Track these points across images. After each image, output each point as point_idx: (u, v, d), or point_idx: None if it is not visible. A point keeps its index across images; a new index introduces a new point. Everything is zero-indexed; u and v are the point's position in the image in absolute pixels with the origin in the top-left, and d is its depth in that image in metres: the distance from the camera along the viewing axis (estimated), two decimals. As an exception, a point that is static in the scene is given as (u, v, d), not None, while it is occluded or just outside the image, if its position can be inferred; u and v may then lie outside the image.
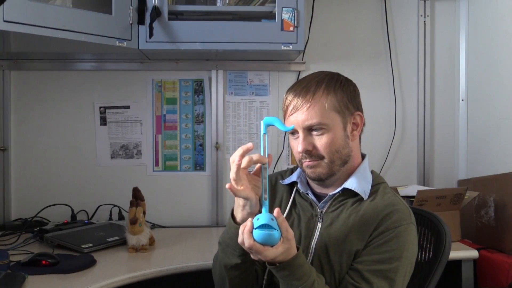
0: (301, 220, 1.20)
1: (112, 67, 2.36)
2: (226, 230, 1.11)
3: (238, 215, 1.05)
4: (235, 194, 0.98)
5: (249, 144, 0.97)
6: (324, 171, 1.13)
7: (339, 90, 1.13)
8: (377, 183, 1.19)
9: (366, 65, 2.46)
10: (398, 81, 2.51)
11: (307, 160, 1.13)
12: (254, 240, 0.94)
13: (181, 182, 2.42)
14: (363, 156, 1.24)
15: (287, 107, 1.15)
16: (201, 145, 2.42)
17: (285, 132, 2.42)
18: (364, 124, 1.19)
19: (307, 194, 1.21)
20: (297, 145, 1.13)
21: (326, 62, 2.45)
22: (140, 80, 2.39)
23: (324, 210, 1.18)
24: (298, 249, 1.00)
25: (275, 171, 2.34)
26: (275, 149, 2.45)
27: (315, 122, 1.10)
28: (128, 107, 2.37)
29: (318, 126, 1.11)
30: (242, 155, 0.97)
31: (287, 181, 1.27)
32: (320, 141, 1.11)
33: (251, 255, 0.98)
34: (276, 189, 1.27)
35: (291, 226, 1.18)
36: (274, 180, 1.30)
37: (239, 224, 1.05)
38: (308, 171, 1.15)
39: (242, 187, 0.98)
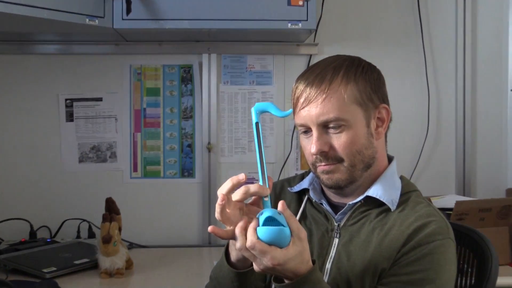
0: (313, 236, 1.20)
1: (81, 50, 2.37)
2: (218, 265, 1.12)
3: (233, 253, 1.07)
4: (221, 237, 0.98)
5: (241, 176, 0.97)
6: (343, 177, 1.14)
7: (361, 78, 1.14)
8: (408, 191, 1.20)
9: (393, 48, 2.47)
10: (432, 68, 2.50)
11: (323, 163, 1.14)
12: (258, 238, 0.93)
13: (165, 192, 2.42)
14: (390, 159, 1.24)
15: (298, 99, 1.16)
16: (189, 146, 2.42)
17: (294, 129, 2.43)
18: (391, 120, 1.20)
19: (321, 204, 1.21)
20: (310, 145, 1.14)
21: (343, 45, 2.43)
22: (115, 66, 2.39)
23: (341, 223, 1.19)
24: (313, 262, 1.00)
25: (281, 178, 2.35)
26: (281, 150, 2.45)
27: (332, 117, 1.11)
28: (100, 99, 2.38)
29: (336, 122, 1.11)
30: (230, 191, 0.97)
31: (297, 188, 1.28)
32: (339, 140, 1.12)
33: (254, 264, 0.96)
34: (281, 199, 1.23)
35: None
36: (280, 187, 1.32)
37: (233, 266, 1.06)
38: (324, 177, 1.16)
39: (232, 227, 0.97)
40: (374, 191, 1.16)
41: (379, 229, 1.14)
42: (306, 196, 1.25)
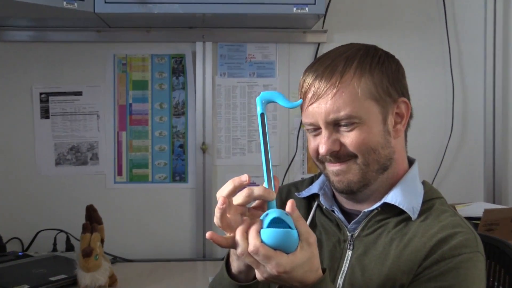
0: (323, 247, 1.21)
1: (58, 37, 2.37)
2: (218, 277, 1.13)
3: (234, 264, 1.06)
4: (221, 245, 0.97)
5: (243, 177, 0.96)
6: (356, 178, 1.15)
7: (377, 70, 1.15)
8: (431, 198, 1.20)
9: (412, 35, 2.48)
10: (457, 58, 2.50)
11: (333, 163, 1.15)
12: (262, 241, 0.92)
13: (153, 198, 2.43)
14: (410, 162, 1.25)
15: (305, 93, 1.16)
16: (181, 146, 2.43)
17: (299, 127, 2.44)
18: (411, 116, 1.20)
19: (333, 211, 1.22)
20: (319, 145, 1.15)
21: (355, 32, 2.45)
22: (97, 56, 2.39)
23: (355, 233, 1.19)
24: (324, 270, 1.01)
25: (284, 183, 2.35)
26: (285, 152, 2.46)
27: (344, 115, 1.11)
28: (79, 93, 2.38)
29: (348, 120, 1.12)
30: (231, 194, 0.96)
31: (306, 193, 1.29)
32: (350, 137, 1.13)
33: (257, 272, 0.96)
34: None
35: None
36: (286, 192, 1.33)
37: (234, 278, 1.05)
38: (335, 179, 1.16)
39: (232, 234, 0.97)
40: (393, 197, 1.16)
41: (398, 240, 1.14)
42: (316, 203, 1.26)
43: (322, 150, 1.13)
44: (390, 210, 1.17)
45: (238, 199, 0.97)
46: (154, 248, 2.41)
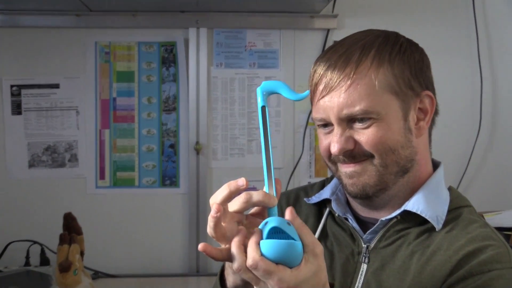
0: (334, 259, 1.22)
1: (31, 22, 2.36)
2: None
3: (229, 278, 1.06)
4: (215, 258, 0.97)
5: (240, 181, 0.96)
6: (372, 181, 1.15)
7: (398, 60, 1.15)
8: (458, 206, 1.20)
9: (434, 20, 2.47)
10: (486, 46, 2.49)
11: (346, 163, 1.16)
12: (262, 254, 0.92)
13: (140, 205, 2.43)
14: (435, 165, 1.25)
15: (316, 85, 1.16)
16: (172, 146, 2.42)
17: (306, 125, 2.43)
18: (436, 112, 1.21)
19: (346, 219, 1.22)
20: (330, 143, 1.15)
21: (369, 16, 2.44)
22: (76, 43, 2.40)
23: (371, 245, 1.19)
24: (332, 285, 1.00)
25: (289, 188, 2.35)
26: (290, 152, 2.45)
27: (359, 110, 1.12)
28: (56, 86, 2.39)
29: (364, 116, 1.12)
30: (226, 200, 0.96)
31: (316, 198, 1.29)
32: (365, 135, 1.13)
33: None
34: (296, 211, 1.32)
35: None
36: (294, 198, 1.34)
37: None
38: (348, 181, 1.17)
39: (228, 246, 0.97)
40: (414, 205, 1.16)
41: (420, 254, 1.14)
42: (328, 209, 1.27)
43: (334, 149, 1.13)
44: (411, 219, 1.17)
45: (234, 205, 0.97)
46: (140, 262, 2.40)
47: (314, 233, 1.24)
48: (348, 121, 1.13)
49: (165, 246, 2.43)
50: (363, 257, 1.18)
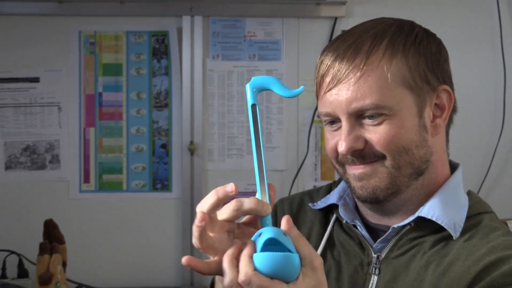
0: (342, 271, 1.22)
1: (8, 9, 2.36)
2: None
3: None
4: (202, 272, 0.97)
5: (229, 186, 0.96)
6: (383, 184, 1.15)
7: (413, 51, 1.15)
8: (478, 212, 1.20)
9: (453, 8, 2.47)
10: (510, 36, 2.48)
11: (355, 164, 1.16)
12: (256, 268, 0.91)
13: (128, 211, 2.43)
14: (453, 167, 1.26)
15: (323, 77, 1.16)
16: (164, 146, 2.42)
17: (311, 123, 2.44)
18: (454, 109, 1.21)
19: (355, 226, 1.23)
20: (338, 141, 1.15)
21: (381, 3, 2.44)
22: (58, 32, 2.40)
23: (382, 255, 1.19)
24: None
25: (293, 192, 2.32)
26: (293, 153, 2.45)
27: (370, 104, 1.12)
28: (36, 79, 2.39)
29: (375, 111, 1.12)
30: (213, 208, 0.96)
31: (322, 203, 1.30)
32: (376, 133, 1.14)
33: None
34: (299, 219, 1.32)
35: None
36: (297, 204, 1.35)
37: None
38: (357, 184, 1.17)
39: (216, 258, 0.97)
40: (430, 211, 1.16)
41: (436, 264, 1.14)
42: (334, 216, 1.27)
43: (342, 148, 1.13)
44: (426, 226, 1.17)
45: (223, 214, 0.96)
46: (129, 274, 2.40)
47: (320, 241, 1.26)
48: (357, 117, 1.13)
49: (156, 256, 2.42)
50: (373, 268, 1.19)
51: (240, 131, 2.43)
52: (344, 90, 1.12)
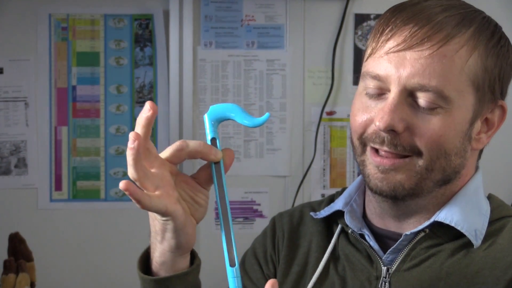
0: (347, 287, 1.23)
1: (-33, -11, 2.26)
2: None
3: (155, 252, 1.07)
4: (140, 201, 0.95)
5: (146, 105, 0.96)
6: (408, 184, 1.12)
7: (494, 52, 1.13)
8: (500, 216, 1.18)
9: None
10: (509, 35, 2.41)
11: (385, 148, 1.11)
12: None
13: (107, 223, 2.39)
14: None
15: (389, 35, 1.12)
16: (148, 148, 2.35)
17: (318, 124, 2.39)
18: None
19: (362, 236, 1.20)
20: (377, 114, 1.11)
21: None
22: (26, 16, 2.35)
23: (393, 267, 1.17)
24: None
25: (297, 202, 2.36)
26: (298, 157, 2.40)
27: (434, 86, 1.07)
28: (0, 70, 2.31)
29: (435, 96, 1.08)
30: (146, 126, 0.96)
31: (325, 212, 1.27)
32: (425, 122, 1.10)
33: None
34: (299, 233, 1.31)
35: None
36: (298, 216, 1.33)
37: (153, 275, 1.08)
38: (377, 175, 1.14)
39: (158, 193, 0.97)
40: (447, 215, 1.14)
41: (457, 276, 1.13)
42: (340, 226, 1.25)
43: (381, 122, 1.08)
44: (443, 233, 1.15)
45: (166, 152, 0.99)
46: None
47: (322, 255, 1.25)
48: (409, 95, 1.10)
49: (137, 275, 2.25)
50: (383, 283, 1.16)
51: (237, 131, 2.40)
52: (411, 59, 1.09)
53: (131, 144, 0.93)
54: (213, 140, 1.00)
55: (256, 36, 2.37)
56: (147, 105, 0.97)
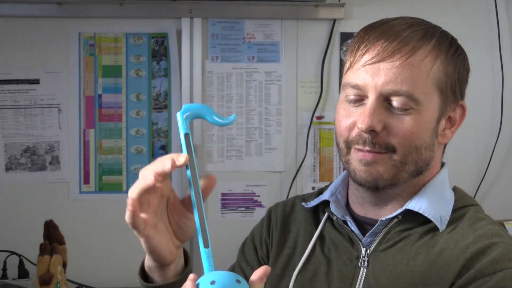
0: (331, 267, 1.24)
1: (8, 11, 2.36)
2: None
3: (147, 266, 1.11)
4: (134, 225, 1.00)
5: (166, 161, 0.96)
6: (387, 175, 1.18)
7: (453, 60, 1.21)
8: (463, 205, 1.25)
9: (450, 8, 2.46)
10: (508, 36, 2.47)
11: (366, 148, 1.17)
12: None
13: (128, 212, 2.43)
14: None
15: (365, 49, 1.17)
16: (163, 147, 2.43)
17: (310, 125, 2.45)
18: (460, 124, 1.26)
19: (345, 222, 1.25)
20: (358, 119, 1.16)
21: (379, 5, 2.41)
22: (58, 34, 2.40)
23: (371, 248, 1.23)
24: None
25: (291, 194, 2.37)
26: (292, 155, 2.46)
27: (405, 91, 1.14)
28: (36, 81, 2.39)
29: (406, 100, 1.15)
30: (142, 193, 0.98)
31: (314, 202, 1.32)
32: (399, 122, 1.16)
33: None
34: (290, 220, 1.36)
35: (314, 277, 1.24)
36: (290, 206, 1.38)
37: (151, 283, 1.09)
38: (360, 168, 1.19)
39: (143, 215, 1.00)
40: (417, 204, 1.20)
41: (425, 255, 1.17)
42: (326, 214, 1.30)
43: (362, 124, 1.14)
44: (413, 219, 1.21)
45: (132, 192, 0.98)
46: (128, 275, 2.31)
47: (310, 239, 1.29)
48: (385, 100, 1.16)
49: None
50: (362, 261, 1.22)
51: (239, 132, 2.43)
52: (386, 69, 1.14)
53: (130, 208, 0.97)
54: (187, 135, 0.99)
55: (256, 51, 2.42)
56: (175, 159, 0.96)
